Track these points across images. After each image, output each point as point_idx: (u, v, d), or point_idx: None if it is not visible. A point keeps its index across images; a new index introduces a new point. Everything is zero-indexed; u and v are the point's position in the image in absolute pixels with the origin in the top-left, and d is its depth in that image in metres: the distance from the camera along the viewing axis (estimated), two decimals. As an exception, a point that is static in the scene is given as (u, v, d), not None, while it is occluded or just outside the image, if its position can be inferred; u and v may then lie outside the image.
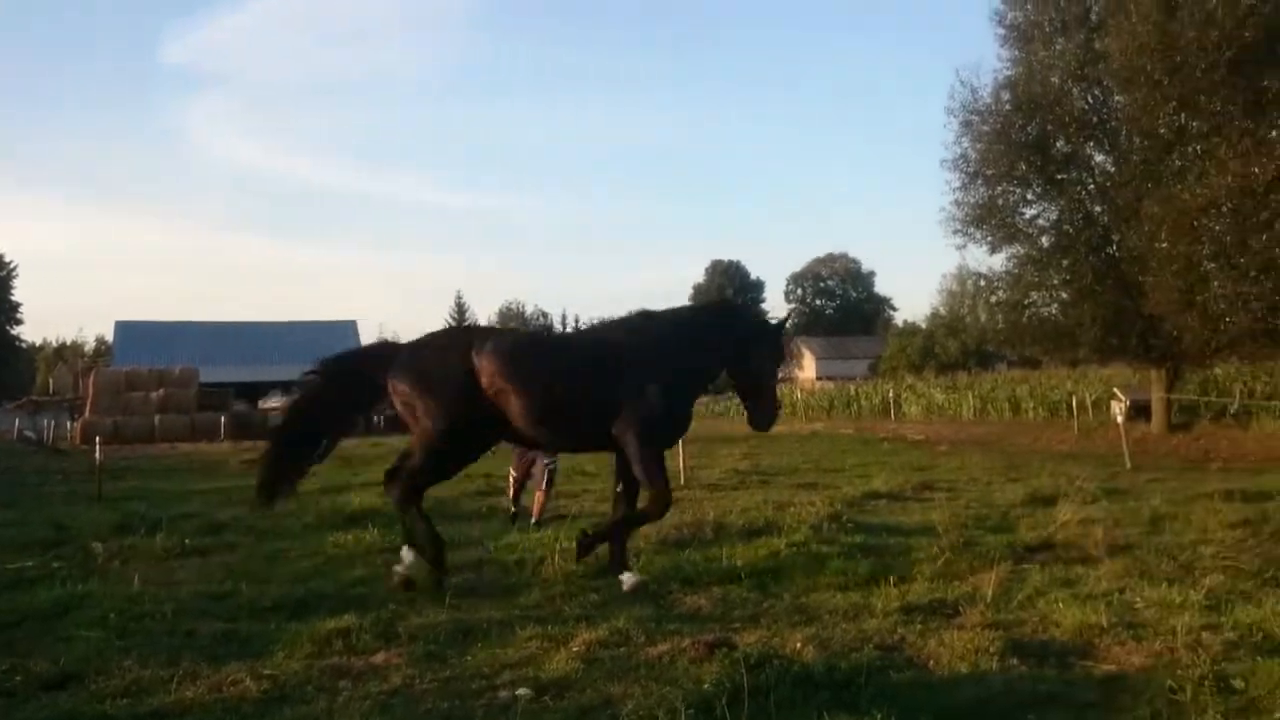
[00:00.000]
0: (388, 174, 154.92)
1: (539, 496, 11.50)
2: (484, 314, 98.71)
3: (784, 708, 4.73)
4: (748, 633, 6.26)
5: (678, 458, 16.24)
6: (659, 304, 8.86)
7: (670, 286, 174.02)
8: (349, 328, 67.73)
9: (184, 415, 41.26)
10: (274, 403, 48.33)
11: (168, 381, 43.05)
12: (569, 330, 64.03)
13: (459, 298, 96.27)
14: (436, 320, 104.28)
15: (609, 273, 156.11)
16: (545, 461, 11.37)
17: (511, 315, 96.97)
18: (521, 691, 5.19)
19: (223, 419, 39.59)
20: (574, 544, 8.44)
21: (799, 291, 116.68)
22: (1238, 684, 4.81)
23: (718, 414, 44.58)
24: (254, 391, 51.29)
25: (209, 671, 5.62)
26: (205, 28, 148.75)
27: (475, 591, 7.85)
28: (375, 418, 49.21)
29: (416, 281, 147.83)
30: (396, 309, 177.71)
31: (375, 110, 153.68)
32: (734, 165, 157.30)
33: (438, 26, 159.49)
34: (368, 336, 72.50)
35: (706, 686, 4.88)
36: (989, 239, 27.63)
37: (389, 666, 5.70)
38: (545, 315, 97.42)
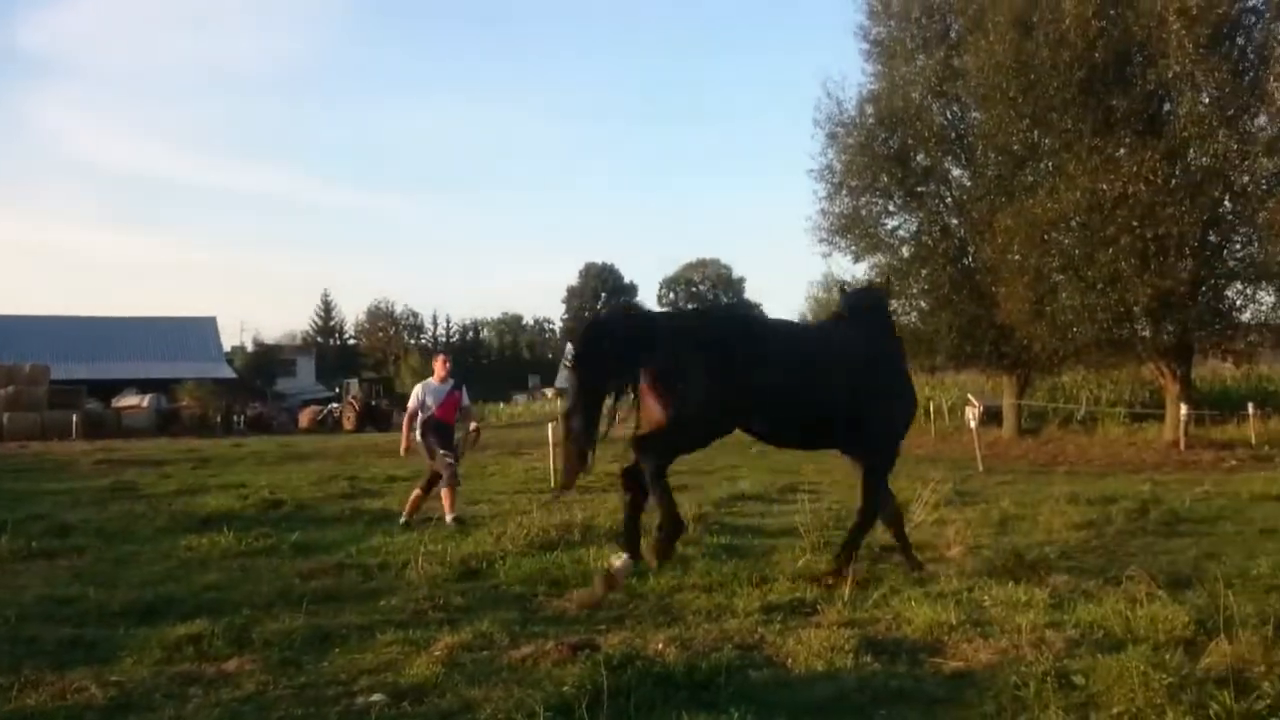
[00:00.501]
0: (249, 169, 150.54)
1: (446, 494, 11.48)
2: (351, 313, 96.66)
3: (644, 708, 4.75)
4: (612, 634, 6.28)
5: (548, 459, 16.23)
6: (534, 303, 8.75)
7: (543, 286, 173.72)
8: (208, 324, 65.77)
9: (34, 413, 39.57)
10: (129, 401, 46.55)
11: (17, 378, 41.23)
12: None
13: (325, 295, 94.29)
14: (302, 319, 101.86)
15: (481, 272, 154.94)
16: (444, 454, 11.30)
17: (381, 314, 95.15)
18: (376, 697, 5.09)
19: (75, 417, 38.10)
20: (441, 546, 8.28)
21: (671, 296, 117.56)
22: (1078, 680, 4.93)
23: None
24: (108, 389, 49.22)
25: (52, 678, 5.40)
26: (58, 12, 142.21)
27: (335, 596, 7.68)
28: (237, 419, 48.33)
29: (280, 278, 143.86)
30: (257, 305, 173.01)
31: (236, 104, 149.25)
32: (607, 169, 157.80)
33: (303, 20, 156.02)
34: (228, 334, 70.76)
35: (567, 688, 4.85)
36: (853, 248, 28.43)
37: (242, 673, 5.54)
38: (415, 315, 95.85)
